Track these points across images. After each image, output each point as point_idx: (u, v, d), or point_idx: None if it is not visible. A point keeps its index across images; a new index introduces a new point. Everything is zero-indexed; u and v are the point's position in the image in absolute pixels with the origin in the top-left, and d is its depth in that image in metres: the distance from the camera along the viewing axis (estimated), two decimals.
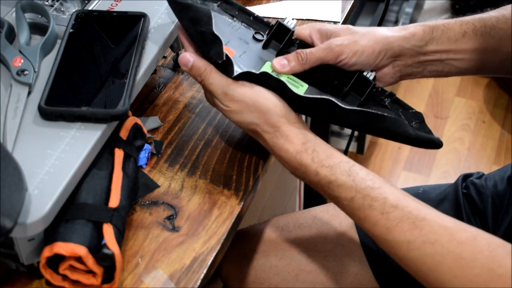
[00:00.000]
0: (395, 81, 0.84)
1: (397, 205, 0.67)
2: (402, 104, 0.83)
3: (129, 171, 0.74)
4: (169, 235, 0.73)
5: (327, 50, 0.78)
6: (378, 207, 0.67)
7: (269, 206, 1.37)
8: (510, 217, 0.88)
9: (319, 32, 0.81)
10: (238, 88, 0.73)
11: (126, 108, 0.72)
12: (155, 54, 0.80)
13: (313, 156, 0.71)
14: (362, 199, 0.68)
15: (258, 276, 0.96)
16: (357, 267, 0.95)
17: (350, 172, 0.70)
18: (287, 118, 0.73)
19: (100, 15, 0.83)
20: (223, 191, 0.78)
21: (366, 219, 0.68)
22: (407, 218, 0.66)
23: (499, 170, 0.99)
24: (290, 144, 0.72)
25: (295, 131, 0.72)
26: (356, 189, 0.69)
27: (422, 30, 0.81)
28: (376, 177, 0.70)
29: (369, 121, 0.75)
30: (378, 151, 2.15)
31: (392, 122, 0.76)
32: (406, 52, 0.81)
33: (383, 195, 0.68)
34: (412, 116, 0.81)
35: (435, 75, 0.84)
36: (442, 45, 0.82)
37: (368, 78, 0.80)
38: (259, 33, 0.83)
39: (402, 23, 2.11)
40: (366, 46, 0.79)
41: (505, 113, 2.28)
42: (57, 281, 0.67)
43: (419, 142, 0.78)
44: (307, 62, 0.78)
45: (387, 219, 0.66)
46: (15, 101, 0.73)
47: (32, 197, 0.64)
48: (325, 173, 0.70)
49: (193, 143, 0.84)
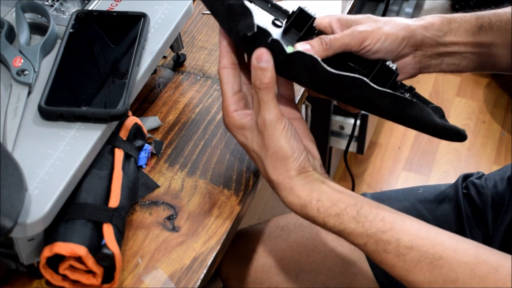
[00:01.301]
0: (415, 72, 0.83)
1: (412, 246, 0.64)
2: (422, 98, 0.81)
3: (129, 171, 0.74)
4: (169, 235, 0.73)
5: (351, 36, 0.77)
6: (392, 251, 0.65)
7: (269, 206, 1.37)
8: (510, 217, 0.88)
9: (339, 21, 0.80)
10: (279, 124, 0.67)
11: (126, 108, 0.72)
12: (155, 54, 0.80)
13: (318, 207, 0.68)
14: (375, 244, 0.66)
15: (258, 276, 0.96)
16: (357, 267, 0.95)
17: (358, 218, 0.66)
18: (297, 170, 0.69)
19: (100, 15, 0.83)
20: (223, 191, 0.78)
21: (383, 262, 0.66)
22: (425, 258, 0.64)
23: (499, 170, 0.99)
24: (294, 197, 0.69)
25: (299, 183, 0.69)
26: (367, 235, 0.66)
27: (440, 21, 0.81)
28: (388, 214, 0.66)
29: (398, 106, 0.72)
30: (378, 151, 2.15)
31: (421, 110, 0.73)
32: (426, 42, 0.80)
33: (396, 236, 0.65)
34: (433, 110, 0.80)
35: (453, 68, 0.83)
36: (460, 37, 0.81)
37: (391, 68, 0.79)
38: (278, 19, 0.81)
39: None
40: (390, 33, 0.78)
41: (505, 113, 2.28)
42: (57, 281, 0.67)
43: (445, 132, 0.75)
44: (331, 47, 0.76)
45: (404, 261, 0.65)
46: (15, 101, 0.73)
47: (32, 197, 0.64)
48: (333, 222, 0.67)
49: (193, 143, 0.84)
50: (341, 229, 0.67)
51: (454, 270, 0.63)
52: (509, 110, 2.29)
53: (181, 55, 0.95)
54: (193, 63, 0.96)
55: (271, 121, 0.67)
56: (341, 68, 0.77)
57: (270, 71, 0.66)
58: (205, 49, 0.98)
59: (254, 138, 0.69)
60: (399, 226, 0.66)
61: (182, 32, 1.00)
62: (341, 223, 0.67)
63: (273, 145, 0.68)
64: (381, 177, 2.08)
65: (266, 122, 0.67)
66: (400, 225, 0.66)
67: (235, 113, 0.70)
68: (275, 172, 0.69)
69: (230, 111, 0.70)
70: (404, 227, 0.65)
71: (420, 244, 0.64)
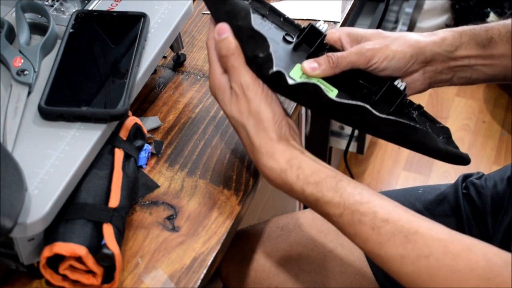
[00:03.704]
0: (424, 88, 0.83)
1: (388, 219, 0.64)
2: (430, 117, 0.82)
3: (129, 171, 0.74)
4: (169, 235, 0.73)
5: (358, 54, 0.77)
6: (368, 222, 0.65)
7: (269, 206, 1.37)
8: (510, 217, 0.88)
9: (349, 36, 0.80)
10: (256, 87, 0.70)
11: (126, 108, 0.72)
12: (155, 54, 0.80)
13: (298, 173, 0.68)
14: (351, 214, 0.66)
15: (258, 276, 0.96)
16: (357, 267, 0.95)
17: (337, 188, 0.67)
18: (278, 134, 0.70)
19: (100, 15, 0.83)
20: (223, 191, 0.78)
21: (357, 234, 0.66)
22: (399, 232, 0.64)
23: (499, 170, 0.99)
24: (275, 162, 0.69)
25: (281, 148, 0.69)
26: (344, 205, 0.66)
27: (451, 35, 0.81)
28: (365, 190, 0.67)
29: (401, 132, 0.73)
30: (378, 151, 2.15)
31: (423, 135, 0.74)
32: (437, 58, 0.80)
33: (373, 209, 0.65)
34: (440, 130, 0.80)
35: (464, 82, 0.83)
36: (471, 50, 0.81)
37: (399, 88, 0.79)
38: (290, 35, 0.81)
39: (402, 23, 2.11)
40: (397, 51, 0.78)
41: (505, 113, 2.28)
42: (57, 281, 0.67)
43: (448, 156, 0.76)
44: (338, 65, 0.76)
45: (379, 234, 0.64)
46: (15, 101, 0.73)
47: (32, 197, 0.64)
48: (312, 190, 0.68)
49: (193, 143, 0.84)
50: (318, 197, 0.67)
51: (428, 245, 0.63)
52: (509, 110, 2.29)
53: (181, 55, 0.95)
54: (193, 63, 0.96)
55: (247, 83, 0.70)
56: (350, 85, 0.78)
57: (232, 39, 0.70)
58: (205, 49, 0.98)
59: (233, 104, 0.71)
60: (377, 202, 0.66)
61: (182, 32, 1.00)
62: (320, 191, 0.67)
63: (253, 108, 0.69)
64: (381, 177, 2.08)
65: (242, 85, 0.70)
66: (377, 201, 0.66)
67: (221, 76, 0.72)
68: (256, 136, 0.70)
69: (217, 74, 0.72)
70: (382, 203, 0.66)
71: (396, 219, 0.65)
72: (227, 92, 0.71)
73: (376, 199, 0.66)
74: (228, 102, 0.71)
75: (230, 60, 0.70)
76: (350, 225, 0.66)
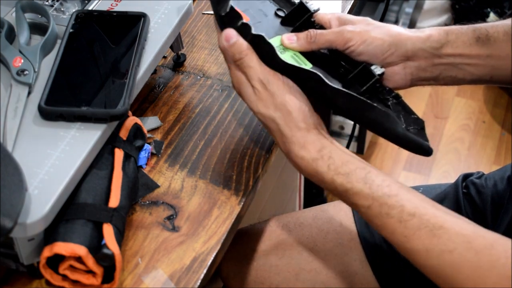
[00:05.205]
0: (406, 84, 0.83)
1: (414, 213, 0.66)
2: (407, 108, 0.81)
3: (129, 171, 0.74)
4: (169, 235, 0.73)
5: (337, 34, 0.78)
6: (395, 216, 0.67)
7: (269, 206, 1.37)
8: (510, 216, 0.88)
9: (338, 19, 0.81)
10: (276, 80, 0.72)
11: (126, 108, 0.72)
12: (155, 54, 0.80)
13: (329, 164, 0.70)
14: (379, 207, 0.68)
15: (259, 275, 0.96)
16: (357, 266, 0.95)
17: (366, 180, 0.69)
18: (307, 124, 0.72)
19: (100, 15, 0.83)
20: (223, 191, 0.78)
21: (384, 227, 0.68)
22: (425, 226, 0.65)
23: (499, 170, 0.99)
24: (306, 152, 0.71)
25: (312, 138, 0.71)
26: (373, 197, 0.68)
27: (437, 33, 0.81)
28: (394, 182, 0.69)
29: (356, 107, 0.74)
30: (378, 151, 2.15)
31: (381, 115, 0.73)
32: (420, 54, 0.80)
33: (400, 202, 0.67)
34: (413, 121, 0.80)
35: (449, 81, 0.83)
36: (456, 49, 0.80)
37: (372, 71, 0.78)
38: (282, 10, 0.83)
39: (402, 23, 2.11)
40: (376, 38, 0.78)
41: (505, 113, 2.28)
42: (57, 281, 0.67)
43: (406, 143, 0.76)
44: (315, 41, 0.77)
45: (405, 228, 0.66)
46: (15, 101, 0.73)
47: (32, 197, 0.64)
48: (341, 181, 0.69)
49: (193, 143, 0.84)
50: (348, 188, 0.69)
51: (452, 240, 0.64)
52: (509, 110, 2.29)
53: (181, 55, 0.95)
54: (193, 63, 0.96)
55: (267, 78, 0.72)
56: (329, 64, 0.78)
57: (241, 41, 0.72)
58: (205, 49, 0.98)
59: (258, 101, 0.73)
60: (404, 195, 0.68)
61: (182, 32, 1.00)
62: (349, 181, 0.69)
63: (279, 101, 0.71)
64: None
65: (263, 81, 0.72)
66: (405, 195, 0.68)
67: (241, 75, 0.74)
68: (287, 127, 0.72)
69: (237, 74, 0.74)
70: (410, 197, 0.68)
71: (423, 213, 0.66)
72: (249, 89, 0.73)
73: (404, 193, 0.68)
74: (253, 99, 0.73)
75: (245, 61, 0.72)
76: (378, 217, 0.68)
